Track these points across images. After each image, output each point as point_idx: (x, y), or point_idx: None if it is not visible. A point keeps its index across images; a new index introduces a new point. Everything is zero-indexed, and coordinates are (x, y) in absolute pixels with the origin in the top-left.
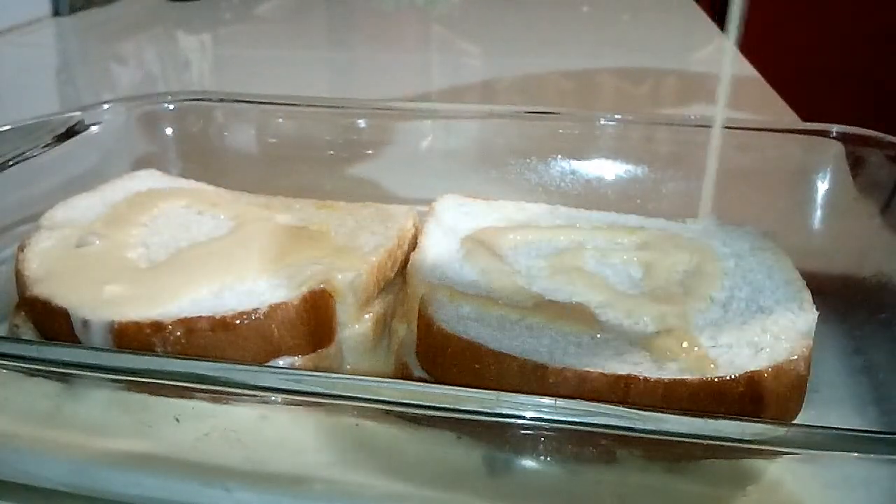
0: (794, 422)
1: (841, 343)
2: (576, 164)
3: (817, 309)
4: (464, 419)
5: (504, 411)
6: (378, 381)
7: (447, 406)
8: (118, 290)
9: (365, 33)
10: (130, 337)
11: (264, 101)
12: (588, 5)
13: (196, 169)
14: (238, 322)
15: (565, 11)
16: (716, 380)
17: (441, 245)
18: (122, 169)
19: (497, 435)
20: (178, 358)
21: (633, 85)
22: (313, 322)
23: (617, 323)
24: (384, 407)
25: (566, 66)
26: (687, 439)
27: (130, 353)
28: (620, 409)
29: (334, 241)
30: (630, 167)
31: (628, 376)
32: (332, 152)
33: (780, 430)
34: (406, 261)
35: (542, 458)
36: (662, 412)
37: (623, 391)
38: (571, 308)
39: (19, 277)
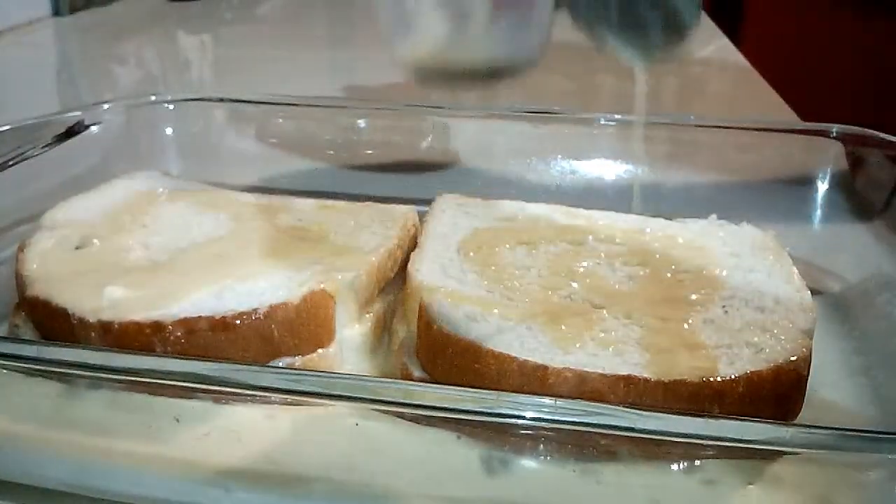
0: (794, 422)
1: (841, 343)
2: (576, 164)
3: (817, 309)
4: (464, 419)
5: (504, 411)
6: (378, 381)
7: (447, 406)
8: (118, 291)
9: (365, 33)
10: (130, 337)
11: (264, 101)
12: None
13: (196, 169)
14: (238, 322)
15: (565, 12)
16: (716, 380)
17: (441, 245)
18: (122, 169)
19: (497, 435)
20: (178, 358)
21: (634, 85)
22: (313, 322)
23: (617, 323)
24: (384, 407)
25: (566, 66)
26: (687, 439)
27: (130, 353)
28: (620, 409)
29: (334, 241)
30: (630, 167)
31: (628, 376)
32: (332, 152)
33: (780, 430)
34: (406, 261)
35: (542, 457)
36: (662, 412)
37: (623, 391)
38: (571, 308)
39: (19, 277)
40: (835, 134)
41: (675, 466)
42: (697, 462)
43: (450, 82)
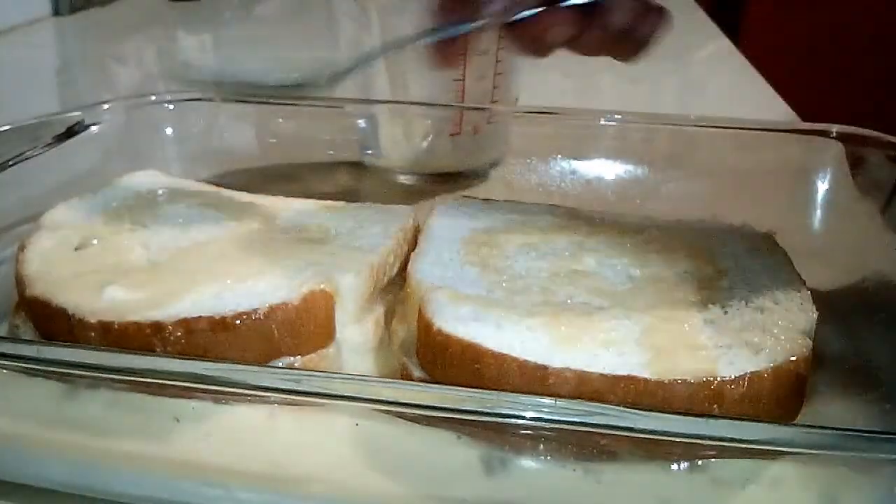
0: (794, 422)
1: (841, 343)
2: (576, 164)
3: (817, 309)
4: (464, 419)
5: (504, 411)
6: (378, 381)
7: (447, 406)
8: (118, 291)
9: None
10: (130, 337)
11: (264, 101)
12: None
13: (196, 169)
14: (238, 322)
15: None
16: (716, 380)
17: (441, 245)
18: (122, 169)
19: (497, 435)
20: (178, 358)
21: (634, 85)
22: (313, 322)
23: (616, 323)
24: (384, 407)
25: (566, 65)
26: (687, 439)
27: (130, 353)
28: (620, 409)
29: (334, 241)
30: (630, 167)
31: (628, 376)
32: (332, 152)
33: (780, 430)
34: (406, 261)
35: (542, 457)
36: (662, 412)
37: (623, 391)
38: (571, 308)
39: (19, 277)
40: (835, 134)
41: (675, 466)
42: (698, 462)
43: (421, 181)
